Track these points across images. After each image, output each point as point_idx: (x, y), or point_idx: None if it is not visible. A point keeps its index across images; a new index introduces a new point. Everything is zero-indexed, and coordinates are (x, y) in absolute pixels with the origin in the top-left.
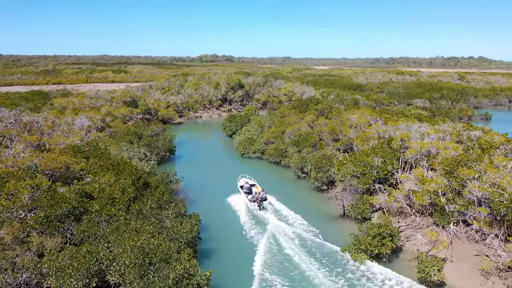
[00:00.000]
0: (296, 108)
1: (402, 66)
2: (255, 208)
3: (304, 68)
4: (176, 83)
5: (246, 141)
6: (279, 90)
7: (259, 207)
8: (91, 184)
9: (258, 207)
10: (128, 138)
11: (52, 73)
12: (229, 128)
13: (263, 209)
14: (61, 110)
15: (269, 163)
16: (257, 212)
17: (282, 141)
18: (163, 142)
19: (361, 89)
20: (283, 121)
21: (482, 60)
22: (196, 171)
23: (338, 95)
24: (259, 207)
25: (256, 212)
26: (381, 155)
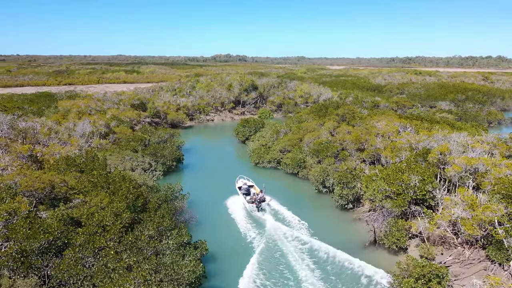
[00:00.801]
0: (315, 112)
1: (419, 66)
2: (253, 209)
3: (319, 68)
4: (188, 84)
5: (261, 149)
6: (295, 92)
7: (257, 208)
8: (79, 208)
9: (257, 209)
10: (132, 146)
11: (64, 73)
12: (242, 134)
13: (261, 211)
14: (64, 113)
15: (285, 174)
16: (255, 213)
17: (300, 149)
18: (170, 150)
19: (379, 90)
20: (300, 127)
21: (500, 60)
22: (205, 183)
23: (357, 97)
24: (257, 208)
25: (254, 213)
26: (418, 172)
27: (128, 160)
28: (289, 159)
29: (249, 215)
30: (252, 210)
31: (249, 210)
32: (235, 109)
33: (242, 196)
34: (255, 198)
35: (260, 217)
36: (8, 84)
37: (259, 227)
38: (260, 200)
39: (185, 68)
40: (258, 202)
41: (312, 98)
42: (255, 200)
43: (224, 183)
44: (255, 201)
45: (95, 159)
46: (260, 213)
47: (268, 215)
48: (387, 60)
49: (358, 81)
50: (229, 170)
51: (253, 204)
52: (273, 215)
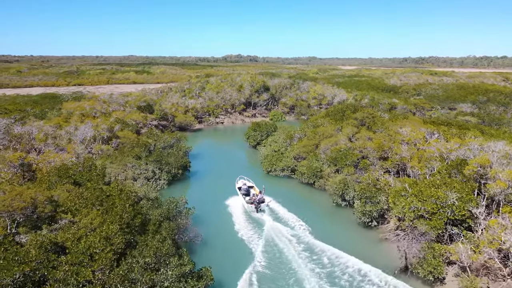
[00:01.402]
0: (331, 116)
1: (432, 66)
2: (252, 210)
3: (330, 68)
4: (197, 85)
5: (273, 156)
6: (308, 93)
7: (256, 209)
8: (65, 230)
9: (256, 209)
10: (135, 152)
11: (75, 74)
12: (253, 138)
13: (260, 212)
14: (67, 116)
15: (300, 184)
16: (254, 214)
17: (316, 157)
18: (176, 157)
19: (395, 91)
20: (316, 132)
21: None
22: (212, 194)
23: (373, 99)
24: (256, 209)
25: (253, 215)
26: (456, 188)
27: (130, 168)
28: (304, 168)
29: (252, 221)
30: (250, 211)
31: (248, 211)
32: (246, 111)
33: (242, 196)
34: (254, 199)
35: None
36: (17, 85)
37: (275, 249)
38: (259, 201)
39: (196, 68)
40: (257, 203)
41: (326, 99)
42: (254, 201)
43: (233, 193)
44: (254, 202)
45: (92, 168)
46: (259, 214)
47: (284, 235)
48: (400, 60)
49: (372, 82)
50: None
51: (252, 205)
52: (291, 237)
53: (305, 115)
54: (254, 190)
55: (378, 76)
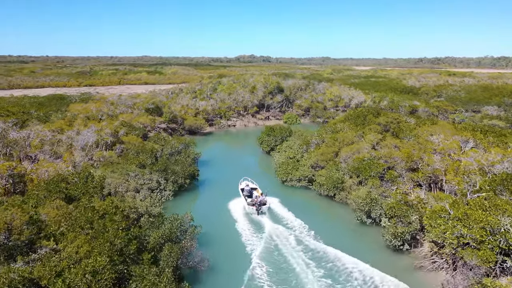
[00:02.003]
0: (351, 120)
1: (448, 66)
2: (253, 212)
3: (345, 69)
4: (209, 86)
5: (288, 164)
6: (323, 95)
7: (257, 211)
8: (44, 262)
9: (256, 212)
10: (139, 160)
11: (87, 74)
12: (266, 144)
13: (261, 214)
14: (71, 119)
15: (318, 196)
16: (255, 216)
17: (336, 166)
18: (183, 164)
19: (414, 93)
20: (335, 139)
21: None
22: (222, 206)
23: (393, 101)
24: (257, 211)
25: (254, 217)
26: (509, 211)
27: (132, 178)
28: (323, 178)
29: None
30: (251, 213)
31: (249, 213)
32: (259, 113)
33: (244, 198)
34: (255, 201)
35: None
36: (28, 85)
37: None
38: (260, 203)
39: (209, 69)
40: (258, 205)
41: (343, 101)
42: (255, 203)
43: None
44: (255, 204)
45: (88, 180)
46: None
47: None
48: (415, 61)
49: (390, 83)
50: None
51: (253, 207)
52: (309, 261)
53: (321, 117)
54: (256, 192)
55: (395, 77)
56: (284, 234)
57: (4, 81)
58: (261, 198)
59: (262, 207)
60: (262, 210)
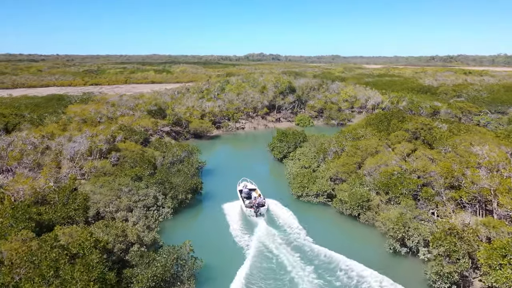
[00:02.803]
0: (374, 125)
1: (461, 65)
2: (251, 214)
3: (356, 67)
4: (216, 85)
5: (304, 176)
6: (338, 95)
7: (255, 213)
8: None
9: (255, 214)
10: (134, 172)
11: (94, 73)
12: (278, 150)
13: (259, 216)
14: (66, 122)
15: (339, 215)
16: (252, 218)
17: (360, 180)
18: (185, 176)
19: (432, 93)
20: (357, 147)
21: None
22: (226, 227)
23: (412, 102)
24: (255, 213)
25: (251, 218)
26: None
27: (125, 194)
28: (345, 194)
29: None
30: (249, 215)
31: (247, 215)
32: (269, 115)
33: (241, 199)
34: (254, 202)
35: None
36: (33, 85)
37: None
38: (258, 205)
39: (217, 67)
40: (256, 207)
41: (358, 102)
42: (253, 205)
43: (254, 225)
44: (253, 206)
45: (70, 199)
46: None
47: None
48: (427, 59)
49: (406, 82)
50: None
51: (251, 208)
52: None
53: (335, 119)
54: (255, 193)
55: (409, 76)
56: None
57: (8, 80)
58: (260, 199)
59: (261, 208)
60: (261, 212)
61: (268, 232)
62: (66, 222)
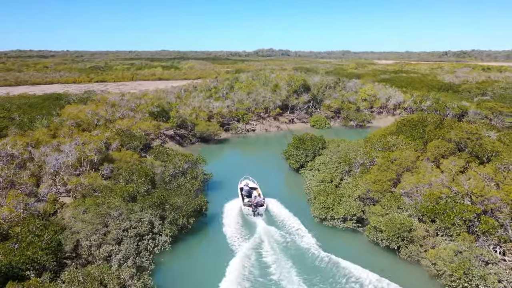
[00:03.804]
0: (405, 131)
1: (475, 60)
2: (249, 214)
3: (367, 63)
4: (225, 83)
5: (327, 193)
6: (356, 94)
7: (253, 212)
8: None
9: (253, 213)
10: (128, 190)
11: (100, 69)
12: (294, 159)
13: (257, 215)
14: (58, 126)
15: (373, 245)
16: (250, 217)
17: (396, 201)
18: (187, 194)
19: (454, 91)
20: (389, 159)
21: None
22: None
23: (437, 101)
24: (253, 212)
25: (249, 218)
26: None
27: (114, 220)
28: (380, 220)
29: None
30: (247, 213)
31: (244, 213)
32: (282, 115)
33: (241, 197)
34: (252, 201)
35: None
36: (36, 82)
37: None
38: (257, 204)
39: (227, 63)
40: (254, 206)
41: (378, 102)
42: (252, 204)
43: (270, 264)
44: (251, 205)
45: (40, 230)
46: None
47: None
48: (439, 54)
49: (425, 79)
50: (278, 229)
51: (249, 207)
52: None
53: (353, 120)
54: (256, 192)
55: (425, 72)
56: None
57: (11, 77)
58: (259, 199)
59: (259, 208)
60: (259, 211)
61: (266, 232)
62: (31, 267)
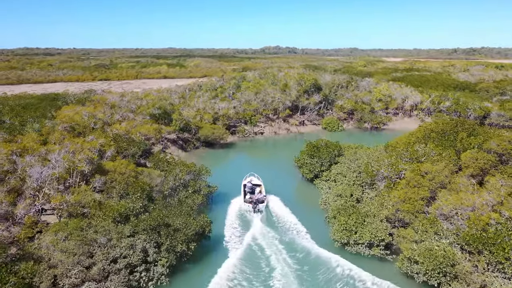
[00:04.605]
0: (436, 140)
1: (485, 57)
2: (249, 210)
3: (376, 60)
4: (231, 82)
5: (348, 213)
6: (370, 94)
7: (253, 209)
8: None
9: (253, 209)
10: (119, 210)
11: (105, 67)
12: (308, 168)
13: (257, 212)
14: (49, 131)
15: (406, 278)
16: (250, 214)
17: (433, 225)
18: (188, 213)
19: (471, 90)
20: (419, 172)
21: None
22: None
23: (457, 102)
24: (253, 209)
25: (249, 214)
26: None
27: (100, 248)
28: (413, 248)
29: None
30: (247, 209)
31: (244, 209)
32: (292, 117)
33: (243, 193)
34: (253, 198)
35: None
36: (39, 80)
37: None
38: (257, 201)
39: (233, 60)
40: (254, 203)
41: (394, 102)
42: (252, 200)
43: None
44: (252, 201)
45: (8, 269)
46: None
47: None
48: (449, 52)
49: (439, 77)
50: (294, 252)
51: (249, 204)
52: None
53: (368, 122)
54: (260, 189)
55: (438, 70)
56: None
57: (13, 75)
58: (259, 195)
59: (259, 205)
60: (259, 208)
61: (263, 230)
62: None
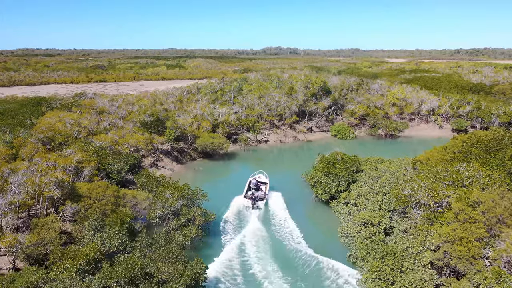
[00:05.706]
0: (476, 155)
1: (488, 58)
2: (248, 205)
3: (379, 61)
4: (232, 84)
5: (381, 254)
6: (383, 97)
7: (252, 205)
8: None
9: (251, 206)
10: (87, 255)
11: (101, 68)
12: (323, 188)
13: (256, 208)
14: (23, 143)
15: None
16: (249, 210)
17: (496, 276)
18: (177, 256)
19: (486, 92)
20: (467, 201)
21: None
22: None
23: (479, 107)
24: (252, 205)
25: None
26: None
27: None
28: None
29: None
30: (246, 205)
31: (244, 205)
32: (299, 123)
33: (245, 190)
34: (254, 194)
35: None
36: (32, 82)
37: None
38: (257, 198)
39: (234, 61)
40: (254, 199)
41: (410, 107)
42: (252, 197)
43: None
44: (252, 197)
45: None
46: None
47: None
48: (451, 52)
49: (451, 79)
50: None
51: (249, 200)
52: None
53: (382, 129)
54: (264, 187)
55: (446, 71)
56: None
57: (5, 77)
58: (259, 193)
59: (259, 202)
60: (258, 205)
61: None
62: None
